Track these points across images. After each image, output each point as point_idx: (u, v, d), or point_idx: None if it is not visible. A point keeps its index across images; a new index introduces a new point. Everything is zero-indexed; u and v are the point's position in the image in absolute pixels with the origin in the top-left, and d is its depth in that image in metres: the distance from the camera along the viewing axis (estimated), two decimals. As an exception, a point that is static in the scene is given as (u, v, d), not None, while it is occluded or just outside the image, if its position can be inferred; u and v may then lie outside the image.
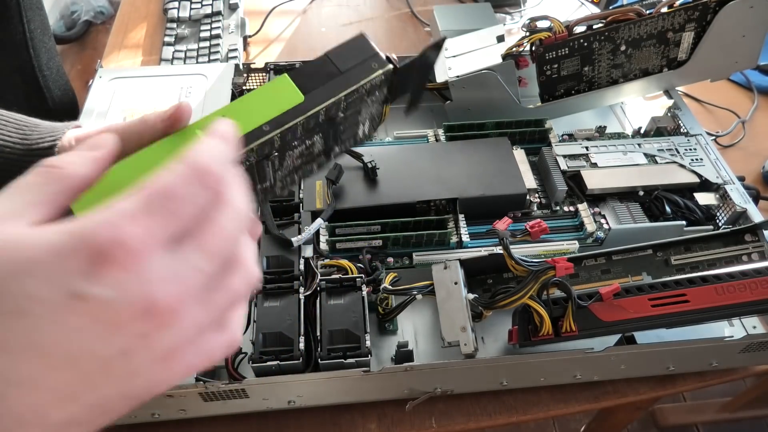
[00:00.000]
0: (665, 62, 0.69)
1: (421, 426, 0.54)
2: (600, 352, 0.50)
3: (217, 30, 0.92)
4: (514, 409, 0.56)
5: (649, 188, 0.62)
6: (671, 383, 0.58)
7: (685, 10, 0.65)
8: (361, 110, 0.38)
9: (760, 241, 0.53)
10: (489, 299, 0.46)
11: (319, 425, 0.54)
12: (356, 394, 0.53)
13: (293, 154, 0.37)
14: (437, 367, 0.50)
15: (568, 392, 0.57)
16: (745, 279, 0.46)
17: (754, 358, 0.56)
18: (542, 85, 0.69)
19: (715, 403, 1.28)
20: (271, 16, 1.00)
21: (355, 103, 0.37)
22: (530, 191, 0.62)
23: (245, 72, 0.73)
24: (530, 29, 0.67)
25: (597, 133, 0.69)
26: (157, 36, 0.96)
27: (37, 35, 0.82)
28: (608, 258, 0.54)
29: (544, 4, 1.02)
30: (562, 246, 0.57)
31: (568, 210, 0.62)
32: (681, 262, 0.54)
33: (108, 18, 1.17)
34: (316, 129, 0.36)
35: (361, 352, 0.48)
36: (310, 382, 0.49)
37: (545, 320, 0.46)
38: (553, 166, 0.63)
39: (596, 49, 0.66)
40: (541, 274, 0.44)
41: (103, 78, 0.70)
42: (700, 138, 0.67)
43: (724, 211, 0.60)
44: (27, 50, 0.81)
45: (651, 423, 1.28)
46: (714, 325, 0.56)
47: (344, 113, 0.36)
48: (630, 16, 0.65)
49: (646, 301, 0.47)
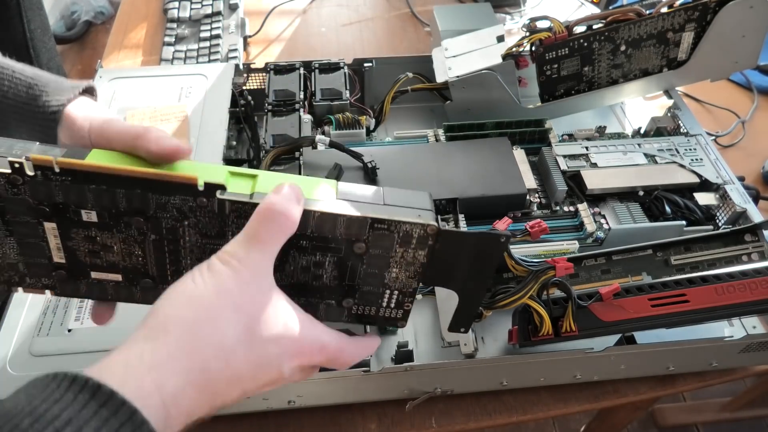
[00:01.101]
0: (665, 62, 0.69)
1: (421, 426, 0.54)
2: (600, 352, 0.50)
3: (217, 30, 0.92)
4: (514, 409, 0.56)
5: (649, 188, 0.62)
6: (671, 383, 0.58)
7: (685, 10, 0.65)
8: (389, 263, 0.33)
9: (760, 241, 0.53)
10: (489, 299, 0.46)
11: (319, 425, 0.54)
12: (356, 394, 0.53)
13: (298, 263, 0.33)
14: (437, 367, 0.50)
15: (568, 392, 0.57)
16: (745, 279, 0.46)
17: (754, 358, 0.56)
18: (542, 85, 0.69)
19: (715, 403, 1.28)
20: (271, 16, 1.01)
21: (383, 244, 0.33)
22: (530, 191, 0.62)
23: (245, 72, 0.73)
24: (530, 29, 0.67)
25: (597, 133, 0.69)
26: (157, 36, 0.96)
27: (38, 35, 0.82)
28: (608, 258, 0.54)
29: (544, 4, 1.02)
30: (562, 246, 0.57)
31: (568, 210, 0.62)
32: (681, 262, 0.54)
33: (108, 18, 1.17)
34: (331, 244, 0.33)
35: (361, 352, 0.48)
36: (310, 382, 0.49)
37: (545, 320, 0.46)
38: (553, 166, 0.63)
39: (596, 49, 0.66)
40: (541, 274, 0.44)
41: (103, 78, 0.70)
42: (700, 138, 0.67)
43: (724, 211, 0.60)
44: (27, 50, 0.81)
45: (651, 423, 1.28)
46: (714, 325, 0.56)
47: (367, 247, 0.33)
48: (630, 16, 0.65)
49: (646, 301, 0.47)
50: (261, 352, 0.30)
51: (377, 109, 0.71)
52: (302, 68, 0.71)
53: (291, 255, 0.33)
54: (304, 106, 0.67)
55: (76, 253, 0.32)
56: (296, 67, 0.71)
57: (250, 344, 0.29)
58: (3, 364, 0.46)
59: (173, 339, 0.27)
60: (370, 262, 0.34)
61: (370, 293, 0.35)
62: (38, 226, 0.31)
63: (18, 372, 0.46)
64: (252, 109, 0.70)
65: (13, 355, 0.47)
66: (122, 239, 0.32)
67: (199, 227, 0.32)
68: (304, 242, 0.33)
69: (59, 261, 0.32)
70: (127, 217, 0.31)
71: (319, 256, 0.33)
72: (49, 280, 0.33)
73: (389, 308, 0.36)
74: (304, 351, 0.32)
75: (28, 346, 0.47)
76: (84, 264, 0.33)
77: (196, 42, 0.91)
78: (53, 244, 0.32)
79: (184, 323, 0.28)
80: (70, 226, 0.31)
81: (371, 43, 0.98)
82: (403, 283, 0.35)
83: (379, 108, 0.71)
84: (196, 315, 0.28)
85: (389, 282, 0.35)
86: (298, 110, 0.67)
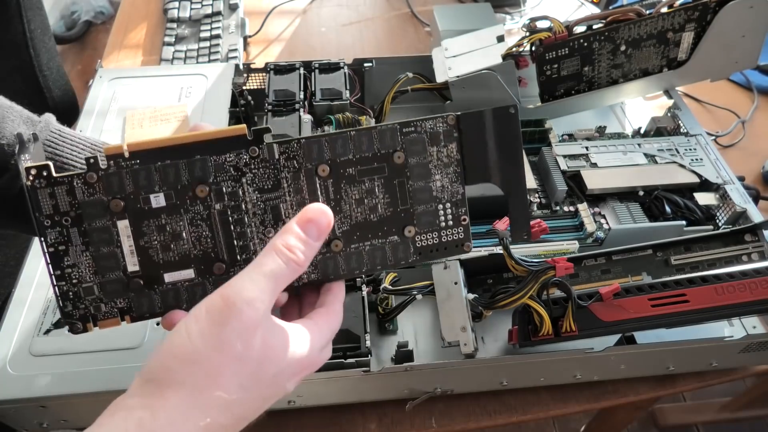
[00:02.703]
0: (665, 62, 0.69)
1: (421, 426, 0.54)
2: (600, 352, 0.50)
3: (217, 30, 0.92)
4: (514, 409, 0.56)
5: (649, 188, 0.62)
6: (671, 383, 0.58)
7: (685, 10, 0.65)
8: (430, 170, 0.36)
9: (760, 241, 0.53)
10: (489, 299, 0.46)
11: (319, 425, 0.54)
12: (356, 394, 0.53)
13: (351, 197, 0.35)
14: (437, 367, 0.50)
15: (568, 392, 0.57)
16: (745, 279, 0.46)
17: (754, 358, 0.56)
18: (542, 85, 0.69)
19: (715, 403, 1.28)
20: (271, 16, 1.01)
21: (417, 149, 0.35)
22: (530, 191, 0.62)
23: (245, 72, 0.73)
24: (530, 29, 0.67)
25: (597, 133, 0.69)
26: (157, 36, 0.96)
27: (38, 35, 0.82)
28: (608, 258, 0.54)
29: (544, 4, 1.02)
30: (562, 246, 0.57)
31: (568, 210, 0.62)
32: (681, 262, 0.54)
33: (108, 18, 1.17)
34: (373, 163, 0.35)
35: (361, 352, 0.48)
36: (310, 382, 0.49)
37: (545, 320, 0.46)
38: (553, 166, 0.63)
39: (596, 49, 0.66)
40: (541, 274, 0.44)
41: (103, 78, 0.70)
42: (700, 138, 0.67)
43: (724, 211, 0.60)
44: (27, 50, 0.81)
45: (651, 423, 1.28)
46: (714, 325, 0.56)
47: (405, 155, 0.35)
48: (630, 16, 0.65)
49: (646, 301, 0.47)
50: (267, 390, 0.29)
51: (377, 109, 0.71)
52: (302, 68, 0.71)
53: (343, 190, 0.35)
54: (304, 106, 0.67)
55: (148, 251, 0.34)
56: (296, 67, 0.71)
57: (256, 387, 0.29)
58: (3, 364, 0.46)
59: (173, 405, 0.26)
60: (413, 173, 0.36)
61: (426, 213, 0.37)
62: (112, 228, 0.33)
63: (18, 372, 0.46)
64: (252, 109, 0.70)
65: (13, 355, 0.47)
66: (190, 221, 0.34)
67: (256, 182, 0.34)
68: (350, 169, 0.35)
69: (133, 269, 0.34)
70: (191, 192, 0.33)
71: (368, 182, 0.35)
72: (124, 301, 0.34)
73: (448, 228, 0.38)
74: (304, 366, 0.31)
75: (28, 346, 0.47)
76: (157, 265, 0.34)
77: (196, 42, 0.91)
78: (126, 247, 0.33)
79: (182, 387, 0.27)
80: (142, 219, 0.33)
81: (371, 43, 0.98)
82: (450, 191, 0.37)
83: (379, 108, 0.71)
84: (195, 377, 0.27)
85: (437, 193, 0.37)
86: (298, 110, 0.67)
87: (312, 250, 0.32)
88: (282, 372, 0.30)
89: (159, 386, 0.27)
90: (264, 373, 0.29)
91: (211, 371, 0.27)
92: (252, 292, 0.28)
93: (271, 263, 0.30)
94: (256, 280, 0.29)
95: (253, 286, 0.29)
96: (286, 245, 0.30)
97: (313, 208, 0.32)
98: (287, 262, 0.30)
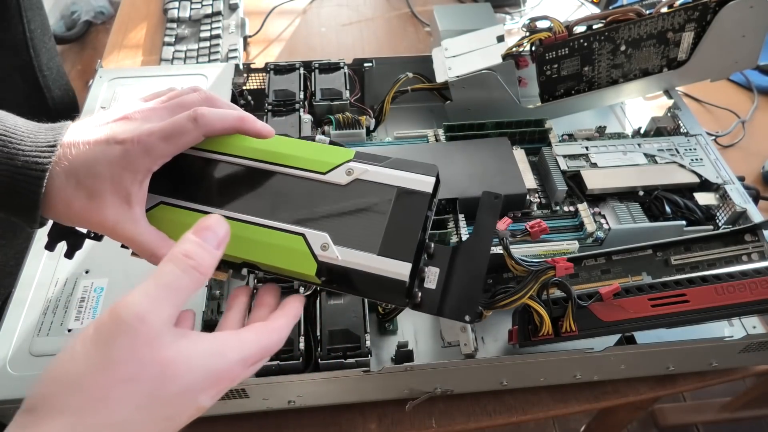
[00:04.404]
0: (665, 62, 0.69)
1: (421, 426, 0.54)
2: (600, 352, 0.50)
3: (217, 30, 0.92)
4: (514, 409, 0.56)
5: (649, 188, 0.62)
6: (671, 383, 0.58)
7: (685, 10, 0.65)
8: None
9: (760, 241, 0.53)
10: (489, 299, 0.46)
11: (319, 425, 0.54)
12: (356, 394, 0.53)
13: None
14: (437, 367, 0.50)
15: (568, 392, 0.57)
16: (745, 279, 0.46)
17: (754, 358, 0.56)
18: (542, 85, 0.69)
19: (715, 403, 1.28)
20: (271, 16, 1.01)
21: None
22: (530, 191, 0.62)
23: (245, 72, 0.73)
24: (530, 29, 0.67)
25: (597, 133, 0.69)
26: (157, 36, 0.96)
27: (38, 35, 0.82)
28: (608, 258, 0.54)
29: (544, 4, 1.02)
30: (562, 246, 0.57)
31: (568, 210, 0.62)
32: (681, 262, 0.54)
33: (108, 18, 1.17)
34: None
35: (361, 352, 0.48)
36: (310, 382, 0.49)
37: (545, 320, 0.46)
38: (553, 166, 0.63)
39: (596, 49, 0.66)
40: (541, 274, 0.44)
41: (103, 78, 0.70)
42: (700, 138, 0.67)
43: (724, 211, 0.60)
44: (27, 50, 0.81)
45: (651, 423, 1.28)
46: (714, 325, 0.56)
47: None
48: (630, 16, 0.65)
49: (646, 301, 0.47)
50: (171, 409, 0.27)
51: (377, 109, 0.71)
52: (302, 68, 0.71)
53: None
54: (304, 106, 0.67)
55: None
56: (296, 67, 0.71)
57: (157, 406, 0.26)
58: (3, 364, 0.46)
59: (59, 427, 0.25)
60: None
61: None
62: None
63: (18, 372, 0.46)
64: (252, 109, 0.70)
65: (13, 355, 0.47)
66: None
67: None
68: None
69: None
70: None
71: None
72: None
73: None
74: (221, 377, 0.29)
75: (28, 346, 0.47)
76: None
77: (196, 42, 0.91)
78: None
79: (61, 414, 0.25)
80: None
81: (371, 43, 0.98)
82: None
83: (379, 108, 0.71)
84: (78, 402, 0.25)
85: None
86: (298, 110, 0.67)
87: (213, 257, 0.30)
88: (189, 388, 0.27)
89: (36, 416, 0.25)
90: (164, 391, 0.27)
91: (97, 394, 0.25)
92: (143, 306, 0.26)
93: (168, 273, 0.28)
94: (150, 293, 0.27)
95: (145, 299, 0.27)
96: (183, 252, 0.29)
97: (209, 218, 0.31)
98: (185, 270, 0.28)
